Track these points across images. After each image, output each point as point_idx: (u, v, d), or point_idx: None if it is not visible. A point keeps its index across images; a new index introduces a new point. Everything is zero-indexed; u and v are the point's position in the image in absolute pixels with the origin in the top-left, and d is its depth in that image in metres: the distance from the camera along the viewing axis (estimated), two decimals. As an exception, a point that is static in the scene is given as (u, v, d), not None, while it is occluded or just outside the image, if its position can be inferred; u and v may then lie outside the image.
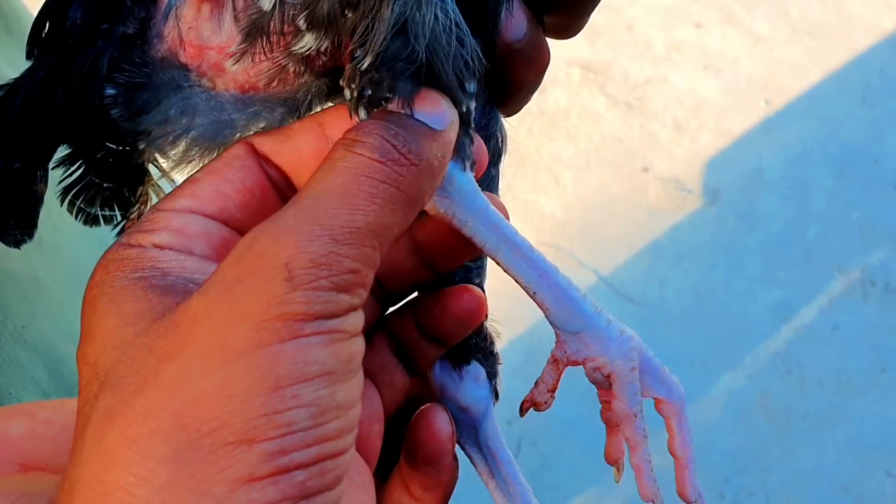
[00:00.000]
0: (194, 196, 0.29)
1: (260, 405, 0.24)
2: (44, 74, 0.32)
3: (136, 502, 0.23)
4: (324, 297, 0.25)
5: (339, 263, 0.25)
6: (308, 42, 0.30)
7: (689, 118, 1.94)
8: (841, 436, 1.54)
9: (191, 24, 0.31)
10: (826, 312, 1.68)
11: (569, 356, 0.34)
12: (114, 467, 0.24)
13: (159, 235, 0.28)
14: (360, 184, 0.27)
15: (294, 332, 0.24)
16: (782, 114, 1.96)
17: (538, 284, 0.33)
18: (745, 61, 2.04)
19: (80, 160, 0.34)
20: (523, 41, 0.33)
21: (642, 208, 1.81)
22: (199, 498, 0.23)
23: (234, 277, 0.25)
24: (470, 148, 0.32)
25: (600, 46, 2.04)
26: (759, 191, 1.83)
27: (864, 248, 1.76)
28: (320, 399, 0.24)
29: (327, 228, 0.26)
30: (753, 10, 2.12)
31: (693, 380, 1.59)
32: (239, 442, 0.23)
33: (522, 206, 1.79)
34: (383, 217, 0.27)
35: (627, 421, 0.34)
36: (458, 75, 0.30)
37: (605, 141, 1.90)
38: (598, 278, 1.71)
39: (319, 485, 0.24)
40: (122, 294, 0.27)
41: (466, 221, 0.32)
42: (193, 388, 0.24)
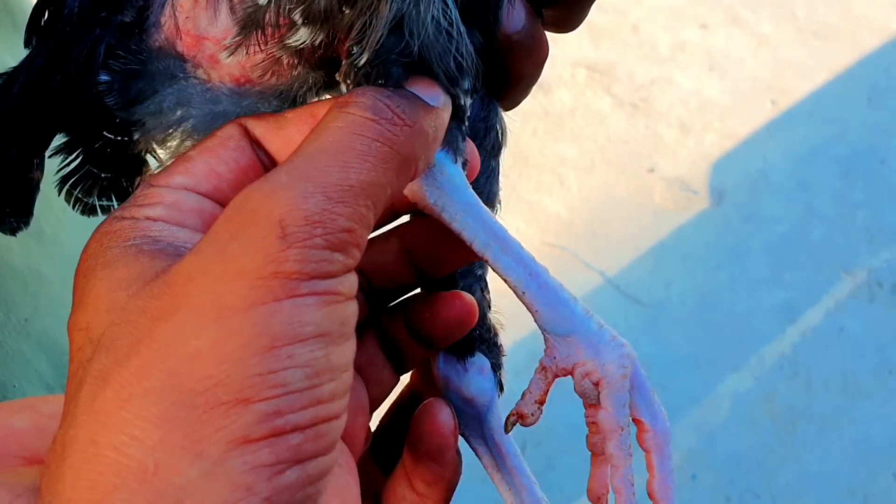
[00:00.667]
0: (188, 173, 0.29)
1: (255, 364, 0.23)
2: (41, 62, 0.32)
3: (130, 462, 0.23)
4: (318, 255, 0.24)
5: (332, 221, 0.25)
6: (303, 36, 0.30)
7: (695, 119, 1.93)
8: (847, 438, 1.54)
9: (188, 14, 0.31)
10: (832, 314, 1.67)
11: (558, 363, 0.32)
12: (107, 428, 0.23)
13: (153, 209, 0.28)
14: (353, 141, 0.26)
15: (290, 291, 0.24)
16: (788, 115, 1.95)
17: (527, 284, 0.32)
18: (751, 62, 2.03)
19: (78, 150, 0.34)
20: (522, 33, 0.33)
21: (647, 209, 1.80)
22: (193, 459, 0.23)
23: (227, 235, 0.25)
24: (462, 143, 0.32)
25: (605, 47, 2.03)
26: (765, 192, 1.82)
27: (870, 250, 1.75)
28: (315, 360, 0.24)
29: (320, 185, 0.25)
30: (759, 11, 2.12)
31: (698, 381, 1.58)
32: (234, 402, 0.23)
33: (527, 206, 1.79)
34: (376, 175, 0.26)
35: (613, 434, 0.32)
36: (451, 72, 0.30)
37: (610, 142, 1.90)
38: (603, 279, 1.71)
39: (314, 449, 0.24)
40: (115, 261, 0.26)
41: (455, 215, 0.31)
42: (187, 347, 0.23)
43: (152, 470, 0.23)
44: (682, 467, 1.51)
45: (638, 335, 1.63)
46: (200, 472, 0.23)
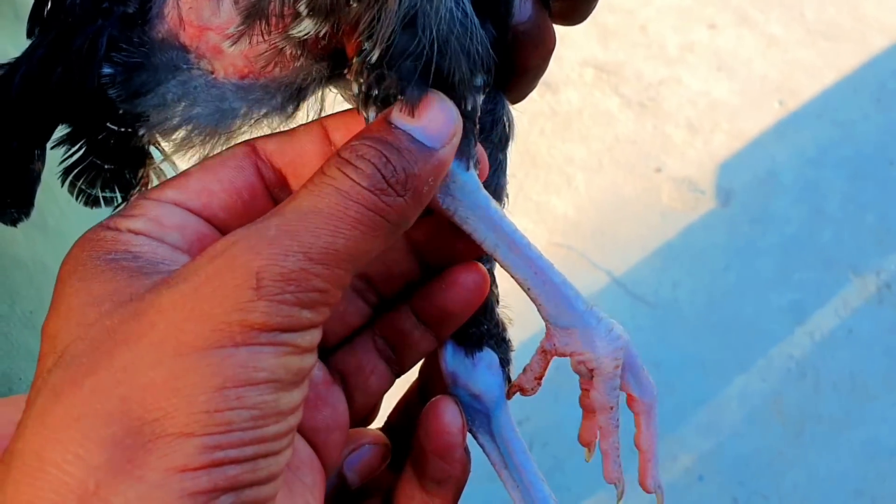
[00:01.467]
0: (180, 188, 0.30)
1: (203, 402, 0.24)
2: (43, 53, 0.32)
3: (70, 481, 0.24)
4: (286, 310, 0.26)
5: (307, 281, 0.26)
6: (307, 27, 0.30)
7: (703, 119, 1.93)
8: (855, 440, 1.53)
9: (191, 4, 0.31)
10: (841, 315, 1.66)
11: (557, 349, 0.35)
12: (53, 444, 0.24)
13: (136, 222, 0.29)
14: (348, 208, 0.27)
15: (249, 339, 0.25)
16: (796, 115, 1.94)
17: (533, 281, 0.34)
18: (759, 63, 2.03)
19: (82, 141, 0.34)
20: (528, 24, 0.33)
21: (655, 209, 1.80)
22: (133, 482, 0.24)
23: (205, 276, 0.26)
24: (474, 147, 0.32)
25: (613, 47, 2.03)
26: (773, 192, 1.82)
27: (879, 251, 1.74)
28: (263, 404, 0.25)
29: (304, 246, 0.26)
30: (768, 12, 2.11)
31: (706, 383, 1.58)
32: (178, 434, 0.24)
33: (535, 206, 1.79)
34: (364, 243, 0.28)
35: (603, 411, 0.35)
36: (466, 70, 0.30)
37: (618, 142, 1.89)
38: (610, 279, 1.71)
39: (251, 479, 0.25)
40: (93, 274, 0.27)
41: (467, 219, 0.33)
42: (143, 377, 0.24)
43: (92, 490, 0.24)
44: (689, 469, 1.50)
45: (645, 336, 1.62)
46: (138, 495, 0.24)
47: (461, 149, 0.31)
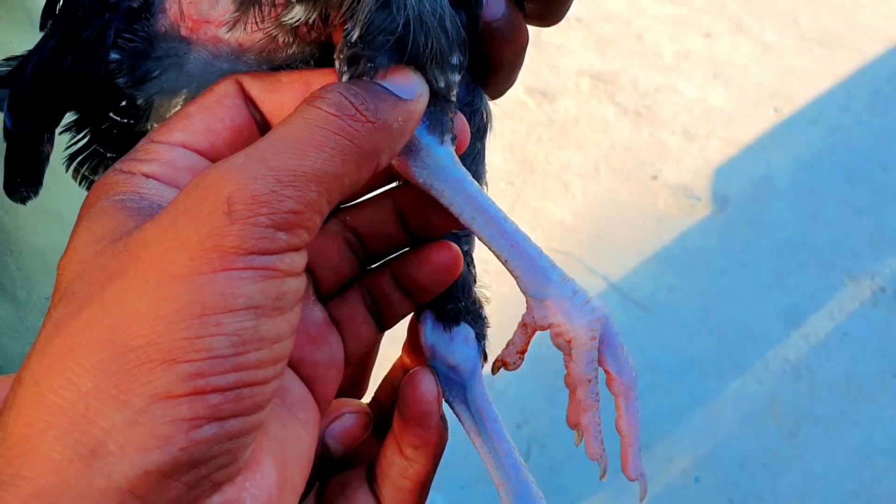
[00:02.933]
0: (186, 130, 0.31)
1: (184, 329, 0.25)
2: (54, 44, 0.34)
3: (64, 404, 0.25)
4: (260, 232, 0.26)
5: (279, 202, 0.27)
6: (297, 13, 0.31)
7: (698, 126, 1.95)
8: (851, 441, 1.54)
9: (191, 0, 0.33)
10: (836, 318, 1.68)
11: (536, 321, 0.35)
12: (50, 372, 0.26)
13: (150, 165, 0.30)
14: (313, 133, 0.28)
15: (226, 264, 0.26)
16: (791, 121, 1.96)
17: (510, 253, 0.34)
18: (755, 70, 2.05)
19: (87, 129, 0.36)
20: (501, 21, 0.35)
21: (651, 215, 1.82)
22: (119, 406, 0.25)
23: (182, 208, 0.27)
24: (449, 123, 0.34)
25: (610, 56, 2.05)
26: (769, 198, 1.84)
27: (874, 255, 1.76)
28: (242, 330, 0.26)
29: (272, 169, 0.27)
30: (762, 20, 2.13)
31: (703, 385, 1.59)
32: (161, 360, 0.25)
33: (532, 213, 1.81)
34: (331, 166, 0.28)
35: (581, 384, 0.35)
36: (441, 48, 0.32)
37: (614, 149, 1.91)
38: (607, 285, 1.72)
39: (233, 409, 0.26)
40: (98, 214, 0.29)
41: (443, 192, 0.34)
42: (128, 307, 0.26)
43: (82, 412, 0.25)
44: (686, 470, 1.52)
45: (642, 340, 1.64)
46: (124, 419, 0.25)
47: (434, 123, 0.33)
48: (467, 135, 0.35)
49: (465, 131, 0.35)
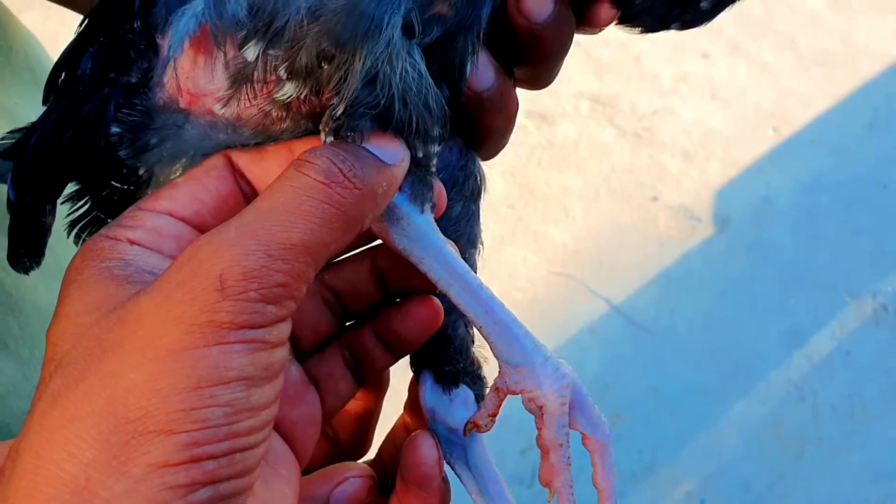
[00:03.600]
0: (172, 199, 0.32)
1: (180, 401, 0.26)
2: (56, 117, 0.35)
3: (65, 476, 0.26)
4: (251, 307, 0.27)
5: (269, 277, 0.28)
6: (289, 90, 0.32)
7: (698, 148, 1.96)
8: (856, 462, 1.54)
9: (188, 74, 0.34)
10: (838, 339, 1.68)
11: (508, 386, 0.36)
12: (50, 444, 0.27)
13: (135, 232, 0.31)
14: (302, 203, 0.29)
15: (219, 339, 0.27)
16: (790, 142, 1.97)
17: (484, 319, 0.35)
18: (753, 91, 2.06)
19: (87, 196, 0.37)
20: (491, 91, 0.35)
21: (652, 238, 1.82)
22: (119, 476, 0.26)
23: (175, 282, 0.28)
24: (429, 192, 0.35)
25: (608, 79, 2.07)
26: (769, 219, 1.84)
27: (875, 274, 1.76)
28: (235, 400, 0.27)
29: (263, 244, 0.28)
30: (760, 41, 2.15)
31: (706, 408, 1.59)
32: (159, 431, 0.26)
33: (533, 236, 1.82)
34: (320, 235, 0.29)
35: (554, 449, 0.36)
36: (422, 121, 0.33)
37: (614, 172, 1.92)
38: (609, 307, 1.73)
39: (227, 473, 0.27)
40: (88, 282, 0.30)
41: (422, 259, 0.35)
42: (126, 380, 0.27)
43: (83, 484, 0.26)
44: (691, 493, 1.51)
45: (645, 363, 1.64)
46: (124, 489, 0.26)
47: (416, 192, 0.34)
48: (444, 201, 0.36)
49: (443, 198, 0.36)
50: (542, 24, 0.35)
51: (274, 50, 0.32)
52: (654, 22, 0.38)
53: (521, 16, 0.34)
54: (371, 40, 0.31)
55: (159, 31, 0.35)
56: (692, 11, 0.38)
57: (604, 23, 0.37)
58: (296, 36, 0.32)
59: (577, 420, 0.36)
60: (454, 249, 0.35)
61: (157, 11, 0.35)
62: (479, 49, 0.34)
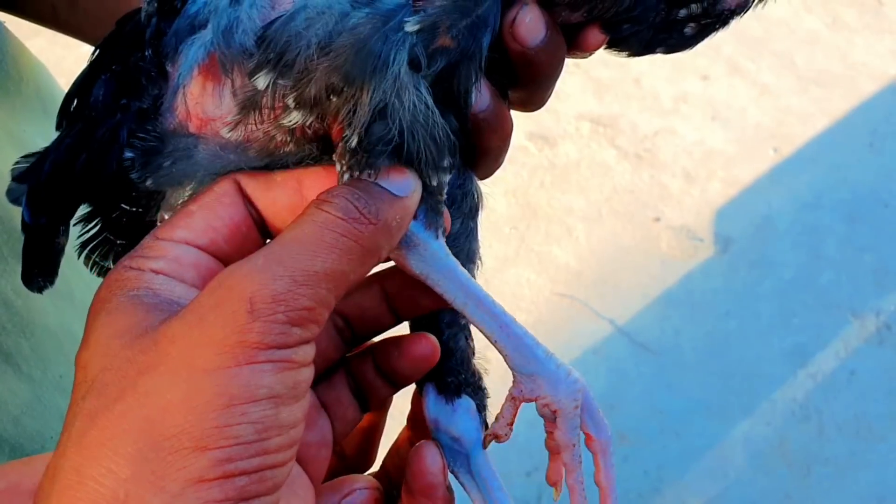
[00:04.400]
0: (189, 228, 0.33)
1: (214, 418, 0.28)
2: (70, 142, 0.36)
3: (105, 491, 0.27)
4: (278, 328, 0.29)
5: (295, 301, 0.29)
6: (295, 118, 0.34)
7: (699, 168, 1.97)
8: (863, 482, 1.53)
9: (197, 100, 0.35)
10: (842, 358, 1.68)
11: (524, 395, 0.38)
12: (90, 461, 0.28)
13: (158, 262, 0.32)
14: (324, 235, 0.31)
15: (250, 358, 0.28)
16: (791, 161, 1.98)
17: (499, 334, 0.37)
18: (753, 111, 2.07)
19: (97, 218, 0.38)
20: (487, 112, 0.37)
21: (655, 258, 1.83)
22: (156, 492, 0.27)
23: (207, 307, 0.29)
24: (440, 218, 0.36)
25: (608, 100, 2.08)
26: (771, 238, 1.85)
27: (877, 292, 1.76)
28: (265, 418, 0.28)
29: (289, 270, 0.30)
30: (759, 61, 2.16)
31: (711, 427, 1.59)
32: (194, 448, 0.27)
33: (537, 257, 1.82)
34: (340, 265, 0.31)
35: (567, 449, 0.38)
36: (431, 152, 0.34)
37: (616, 192, 1.93)
38: (613, 328, 1.73)
39: (258, 490, 0.28)
40: (117, 309, 0.31)
41: (438, 281, 0.36)
42: (162, 399, 0.28)
43: (122, 499, 0.27)
44: (698, 514, 1.51)
45: (649, 383, 1.64)
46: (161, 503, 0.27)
47: (430, 220, 0.35)
48: (449, 223, 0.38)
49: (448, 221, 0.37)
50: (534, 49, 0.36)
51: (284, 80, 0.33)
52: (641, 46, 0.39)
53: (516, 41, 0.36)
54: (378, 76, 0.33)
55: (169, 59, 0.36)
56: (676, 37, 0.39)
57: (593, 47, 0.38)
58: (306, 68, 0.33)
59: (585, 422, 0.38)
60: (465, 270, 0.37)
61: (168, 41, 0.36)
62: (481, 77, 0.36)
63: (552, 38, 0.36)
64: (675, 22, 0.39)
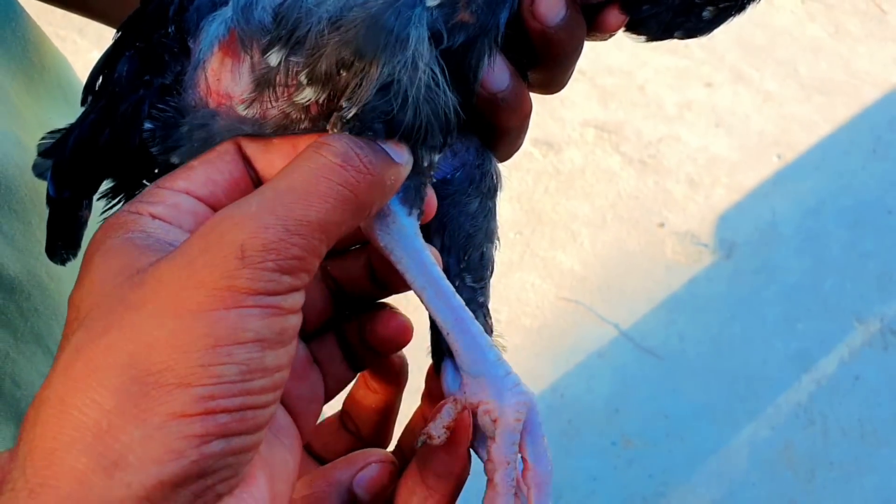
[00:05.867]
0: (189, 179, 0.34)
1: (198, 357, 0.28)
2: (94, 118, 0.37)
3: (87, 420, 0.28)
4: (268, 276, 0.29)
5: (286, 249, 0.30)
6: (308, 94, 0.34)
7: (703, 174, 1.98)
8: (868, 486, 1.53)
9: (217, 76, 0.36)
10: (847, 362, 1.68)
11: (467, 398, 0.36)
12: (74, 391, 0.28)
13: (156, 207, 0.33)
14: (319, 183, 0.31)
15: (238, 302, 0.29)
16: (795, 168, 1.99)
17: (452, 327, 0.36)
18: (756, 118, 2.08)
19: (121, 195, 0.39)
20: (506, 91, 0.37)
21: (659, 263, 1.84)
22: (138, 423, 0.28)
23: (198, 250, 0.30)
24: (419, 199, 0.36)
25: (613, 107, 2.09)
26: (775, 243, 1.85)
27: (881, 298, 1.77)
28: (250, 360, 0.29)
29: (281, 218, 0.30)
30: (762, 69, 2.17)
31: (715, 432, 1.59)
32: (177, 384, 0.28)
33: (542, 262, 1.83)
34: (333, 214, 0.31)
35: (500, 466, 0.35)
36: (430, 130, 0.34)
37: (620, 198, 1.94)
38: (618, 332, 1.73)
39: (239, 428, 0.29)
40: (111, 250, 0.31)
41: (401, 258, 0.36)
42: (148, 336, 0.28)
43: (105, 428, 0.28)
44: (702, 518, 1.51)
45: (654, 387, 1.65)
46: (143, 435, 0.27)
47: (407, 196, 0.36)
48: (432, 208, 0.37)
49: (431, 206, 0.37)
50: (554, 28, 0.36)
51: (295, 56, 0.34)
52: (660, 29, 0.39)
53: (535, 19, 0.36)
54: (390, 51, 0.33)
55: (191, 35, 0.37)
56: (695, 20, 0.39)
57: (613, 28, 0.38)
58: (317, 44, 0.33)
59: (525, 444, 0.36)
60: (434, 256, 0.37)
61: (190, 17, 0.37)
62: (495, 52, 0.36)
63: (572, 17, 0.37)
64: (694, 5, 0.39)
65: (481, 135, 0.39)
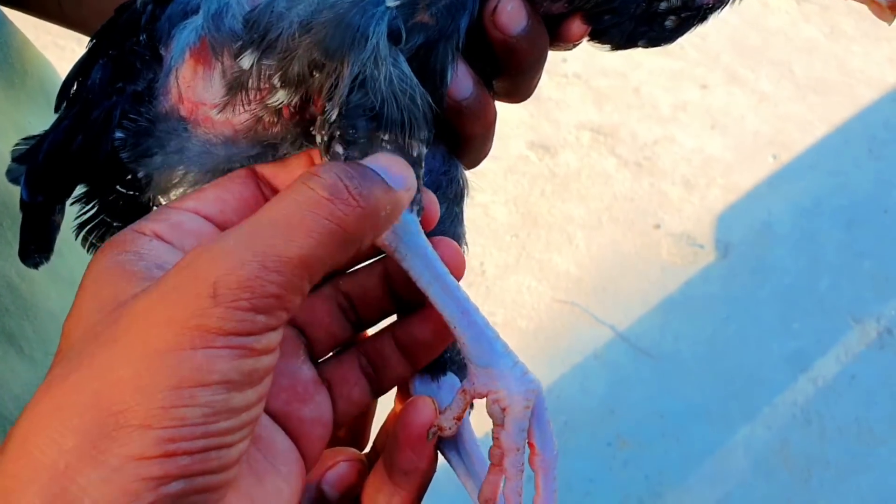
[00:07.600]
0: (198, 199, 0.34)
1: (161, 398, 0.28)
2: (67, 124, 0.38)
3: (46, 461, 0.27)
4: (240, 315, 0.29)
5: (262, 287, 0.29)
6: (281, 97, 0.35)
7: (698, 175, 1.98)
8: (864, 485, 1.54)
9: (188, 83, 0.37)
10: (843, 362, 1.69)
11: (476, 388, 0.37)
12: (37, 430, 0.28)
13: (158, 224, 0.33)
14: (303, 217, 0.30)
15: (206, 342, 0.28)
16: (790, 168, 1.99)
17: (460, 320, 0.36)
18: (751, 119, 2.09)
19: (95, 200, 0.40)
20: (469, 99, 0.37)
21: (655, 264, 1.84)
22: (96, 465, 0.27)
23: (171, 286, 0.29)
24: (418, 194, 0.36)
25: (608, 110, 2.10)
26: (770, 244, 1.86)
27: (877, 297, 1.77)
28: (214, 402, 0.28)
29: (259, 255, 0.29)
30: (757, 70, 2.18)
31: (712, 432, 1.59)
32: (138, 426, 0.28)
33: (538, 264, 1.83)
34: (317, 250, 0.30)
35: (510, 452, 0.36)
36: (414, 120, 0.35)
37: (616, 200, 1.94)
38: (614, 334, 1.74)
39: (202, 468, 0.28)
40: (101, 276, 0.31)
41: (406, 255, 0.36)
42: (114, 374, 0.28)
43: (62, 470, 0.27)
44: (699, 519, 1.51)
45: (650, 388, 1.65)
46: (100, 477, 0.27)
47: None
48: (436, 211, 0.38)
49: (433, 208, 0.37)
50: (516, 38, 0.36)
51: (268, 60, 0.34)
52: (623, 39, 0.40)
53: (497, 29, 0.36)
54: (357, 48, 0.33)
55: (163, 43, 0.37)
56: (658, 29, 0.40)
57: (576, 37, 0.38)
58: (288, 47, 0.34)
59: (533, 430, 0.37)
60: (435, 252, 0.37)
61: (161, 26, 0.37)
62: (458, 58, 0.36)
63: (534, 28, 0.37)
64: (656, 14, 0.39)
65: (447, 142, 0.40)
